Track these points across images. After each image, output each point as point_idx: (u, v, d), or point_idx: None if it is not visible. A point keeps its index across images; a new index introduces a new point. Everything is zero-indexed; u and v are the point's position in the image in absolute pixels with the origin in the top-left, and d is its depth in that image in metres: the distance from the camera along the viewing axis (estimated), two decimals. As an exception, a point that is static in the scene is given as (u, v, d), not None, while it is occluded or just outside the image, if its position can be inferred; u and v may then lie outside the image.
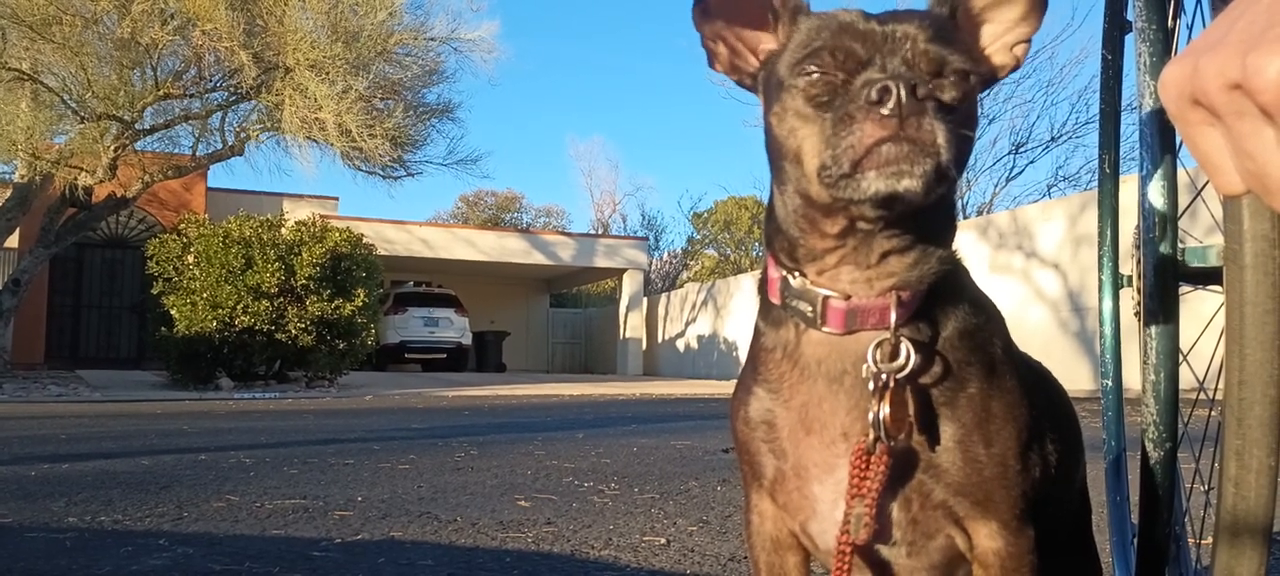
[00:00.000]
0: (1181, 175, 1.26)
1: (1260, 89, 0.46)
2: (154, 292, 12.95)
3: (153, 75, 12.99)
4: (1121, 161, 1.83)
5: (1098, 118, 1.82)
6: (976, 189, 24.18)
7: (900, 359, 0.92)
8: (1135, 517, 1.30)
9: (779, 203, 0.96)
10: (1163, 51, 1.26)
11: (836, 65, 0.87)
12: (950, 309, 0.97)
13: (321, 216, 14.75)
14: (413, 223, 22.77)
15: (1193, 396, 1.45)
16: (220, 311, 12.22)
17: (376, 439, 5.72)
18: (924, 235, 0.92)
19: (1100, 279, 1.82)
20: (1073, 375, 10.78)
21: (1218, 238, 1.04)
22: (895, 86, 0.81)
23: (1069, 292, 11.93)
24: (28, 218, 14.32)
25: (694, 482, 3.87)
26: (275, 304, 12.56)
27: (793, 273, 0.97)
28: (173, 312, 12.42)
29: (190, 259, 12.80)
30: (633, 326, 23.99)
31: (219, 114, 14.63)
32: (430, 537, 2.67)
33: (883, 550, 1.01)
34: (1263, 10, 0.48)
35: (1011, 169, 28.59)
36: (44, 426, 6.45)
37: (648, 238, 31.28)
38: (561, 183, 79.23)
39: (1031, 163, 28.17)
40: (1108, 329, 1.82)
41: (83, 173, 13.00)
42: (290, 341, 12.66)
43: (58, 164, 12.81)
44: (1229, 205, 0.94)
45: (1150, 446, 1.22)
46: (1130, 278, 1.58)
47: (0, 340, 13.46)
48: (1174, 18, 1.33)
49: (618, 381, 18.47)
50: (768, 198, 1.01)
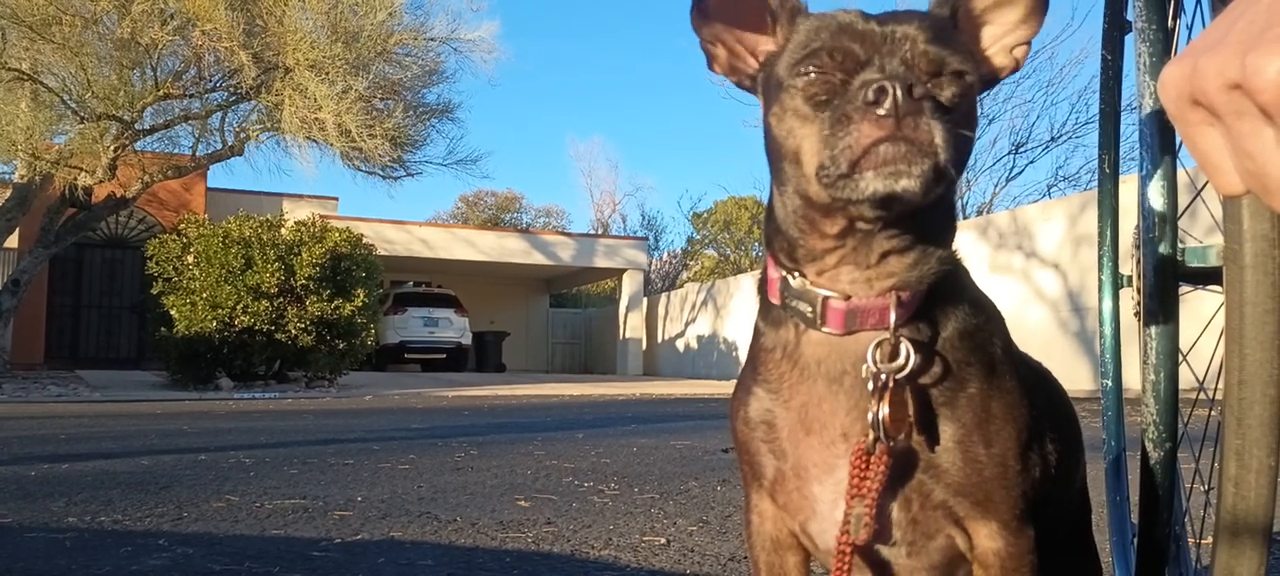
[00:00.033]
0: (1181, 175, 1.26)
1: (1260, 89, 0.46)
2: (154, 293, 12.95)
3: (152, 75, 13.00)
4: (1121, 161, 1.84)
5: (1097, 118, 1.82)
6: (976, 189, 24.23)
7: (900, 359, 0.92)
8: (1135, 517, 1.30)
9: (779, 203, 0.96)
10: (1162, 52, 1.26)
11: (835, 65, 0.87)
12: (950, 309, 0.97)
13: (321, 216, 14.75)
14: (412, 223, 22.78)
15: (1193, 396, 1.45)
16: (220, 311, 12.22)
17: (376, 439, 5.72)
18: (924, 235, 0.92)
19: (1100, 279, 1.82)
20: (1072, 375, 10.78)
21: (1217, 238, 1.04)
22: (891, 86, 0.81)
23: (1069, 292, 11.94)
24: (27, 218, 14.32)
25: (694, 482, 3.87)
26: (275, 304, 12.56)
27: (792, 273, 0.97)
28: (172, 313, 12.42)
29: (190, 259, 12.80)
30: (632, 326, 23.99)
31: (219, 114, 14.65)
32: (430, 537, 2.67)
33: (883, 550, 1.01)
34: (1262, 10, 0.48)
35: (1011, 169, 28.66)
36: (44, 426, 6.45)
37: (647, 238, 31.30)
38: (561, 183, 79.34)
39: (1031, 163, 28.31)
40: (1107, 329, 1.82)
41: (82, 173, 13.01)
42: (290, 341, 12.67)
43: (57, 164, 12.81)
44: (1228, 205, 0.94)
45: (1150, 446, 1.22)
46: (1130, 277, 1.58)
47: (0, 340, 13.46)
48: (1174, 18, 1.33)
49: (617, 381, 18.47)
50: (767, 198, 1.01)
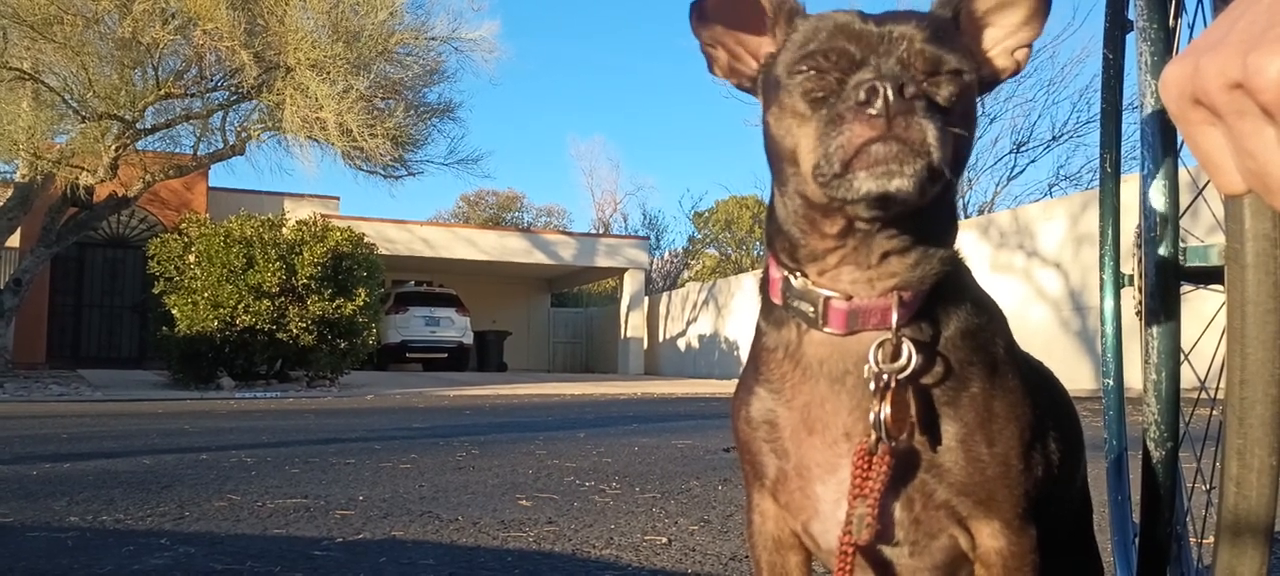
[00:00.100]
0: (1183, 174, 1.26)
1: (1261, 88, 0.46)
2: (155, 292, 12.96)
3: (154, 75, 13.01)
4: (1123, 161, 1.83)
5: (1099, 117, 1.82)
6: (978, 188, 24.22)
7: (902, 359, 0.92)
8: (1137, 517, 1.30)
9: (779, 203, 0.96)
10: (1164, 51, 1.26)
11: (831, 65, 0.87)
12: (952, 309, 0.97)
13: (323, 216, 14.76)
14: (414, 222, 22.77)
15: (1194, 395, 1.45)
16: (221, 311, 12.23)
17: (378, 438, 5.73)
18: (924, 235, 0.92)
19: (1102, 278, 1.82)
20: (1074, 374, 10.78)
21: (1219, 237, 1.04)
22: (882, 86, 0.81)
23: (1070, 292, 11.93)
24: (29, 217, 14.33)
25: (695, 482, 3.87)
26: (276, 303, 12.57)
27: (794, 273, 0.97)
28: (174, 312, 12.43)
29: (191, 258, 12.81)
30: (634, 326, 23.98)
31: (220, 113, 14.65)
32: (432, 537, 2.67)
33: (885, 550, 1.01)
34: (1263, 10, 0.48)
35: (1013, 168, 28.71)
36: (45, 426, 6.45)
37: (649, 237, 31.31)
38: (562, 182, 79.46)
39: (1033, 162, 28.16)
40: (1109, 328, 1.82)
41: (84, 172, 13.02)
42: (291, 341, 12.67)
43: (59, 163, 12.82)
44: (1230, 204, 0.94)
45: (1152, 445, 1.22)
46: (1132, 277, 1.58)
47: (2, 339, 13.47)
48: (1175, 17, 1.33)
49: (619, 381, 18.47)
50: (769, 198, 1.01)
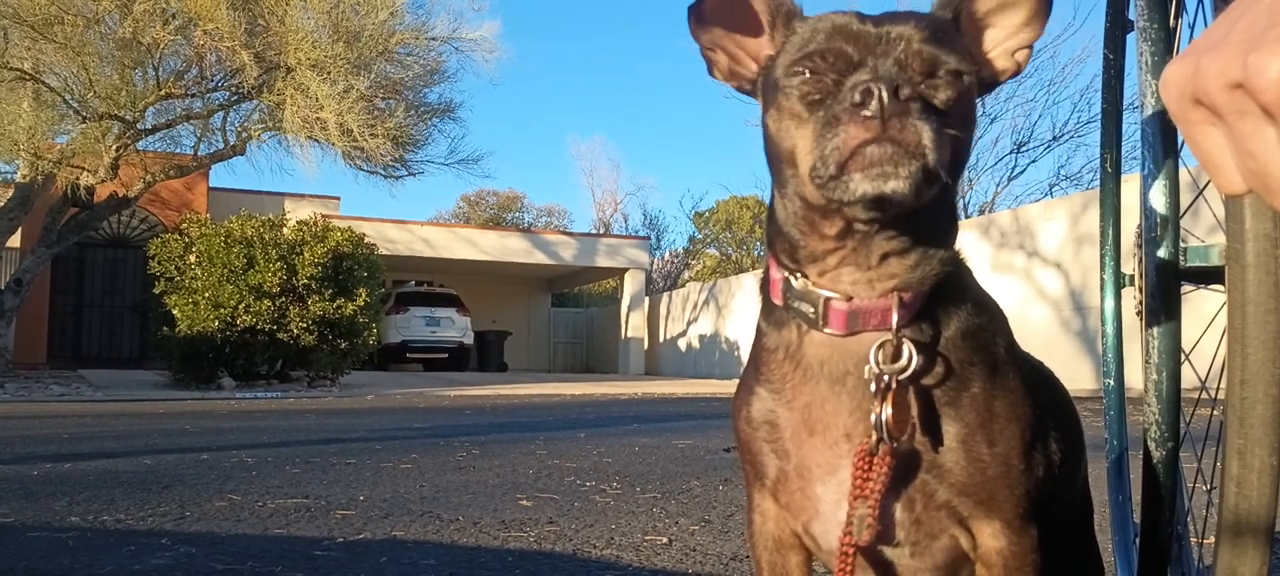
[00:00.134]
0: (1183, 174, 1.26)
1: (1261, 88, 0.46)
2: (156, 292, 12.96)
3: (154, 75, 13.01)
4: (1123, 161, 1.83)
5: (1099, 117, 1.82)
6: (978, 188, 24.21)
7: (902, 360, 0.92)
8: (1137, 517, 1.30)
9: (779, 205, 0.97)
10: (1164, 51, 1.26)
11: (828, 67, 0.87)
12: (953, 309, 0.97)
13: (323, 216, 14.77)
14: (414, 222, 22.78)
15: (1195, 395, 1.45)
16: (222, 311, 12.23)
17: (378, 438, 5.73)
18: (924, 236, 0.92)
19: (1102, 278, 1.81)
20: (1075, 374, 10.77)
21: (1219, 237, 1.04)
22: (877, 88, 0.81)
23: (1071, 292, 11.93)
24: (30, 217, 14.34)
25: (696, 482, 3.87)
26: (277, 303, 12.57)
27: (794, 274, 0.97)
28: (175, 312, 12.44)
29: (192, 258, 12.81)
30: (634, 326, 23.99)
31: (221, 113, 14.66)
32: (432, 537, 2.67)
33: (886, 551, 1.01)
34: (1264, 10, 0.48)
35: (1013, 168, 28.70)
36: (46, 426, 6.45)
37: (649, 237, 31.31)
38: (563, 182, 79.48)
39: (1033, 162, 28.21)
40: (1110, 328, 1.82)
41: (84, 172, 13.02)
42: (292, 341, 12.68)
43: (60, 163, 12.83)
44: (1230, 204, 0.94)
45: (1152, 446, 1.22)
46: (1132, 277, 1.58)
47: (2, 340, 13.47)
48: (1176, 17, 1.33)
49: (619, 381, 18.48)
50: (769, 199, 1.01)
